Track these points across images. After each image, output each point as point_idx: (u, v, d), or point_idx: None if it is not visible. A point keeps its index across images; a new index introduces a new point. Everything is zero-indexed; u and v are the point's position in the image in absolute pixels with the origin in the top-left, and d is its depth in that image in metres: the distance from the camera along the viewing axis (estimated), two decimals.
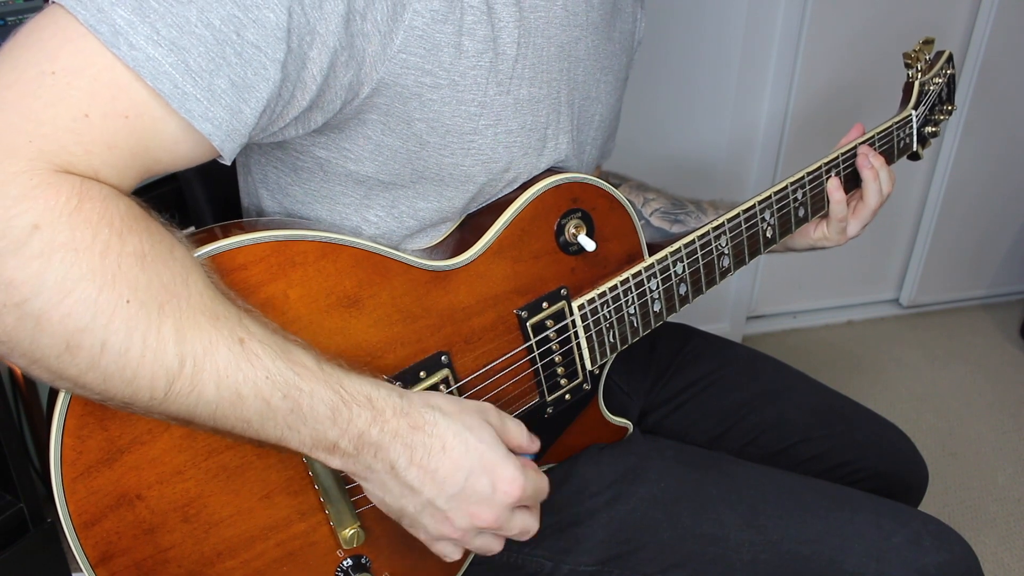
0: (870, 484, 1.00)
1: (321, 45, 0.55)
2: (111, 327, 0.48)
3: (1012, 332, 2.28)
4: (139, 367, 0.50)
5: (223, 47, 0.51)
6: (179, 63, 0.50)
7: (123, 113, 0.50)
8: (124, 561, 0.60)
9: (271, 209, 0.74)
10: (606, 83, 0.82)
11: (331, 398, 0.57)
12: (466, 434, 0.62)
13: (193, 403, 0.52)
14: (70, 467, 0.56)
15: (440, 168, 0.68)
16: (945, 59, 1.07)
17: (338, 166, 0.68)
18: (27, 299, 0.46)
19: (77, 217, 0.47)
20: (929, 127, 1.07)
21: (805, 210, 0.95)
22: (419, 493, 0.61)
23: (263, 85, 0.53)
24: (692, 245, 0.85)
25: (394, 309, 0.68)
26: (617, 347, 0.83)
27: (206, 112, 0.52)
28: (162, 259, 0.51)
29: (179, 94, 0.50)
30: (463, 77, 0.65)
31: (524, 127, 0.72)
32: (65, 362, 0.49)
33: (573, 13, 0.74)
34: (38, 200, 0.47)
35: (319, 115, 0.61)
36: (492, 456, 0.62)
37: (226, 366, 0.52)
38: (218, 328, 0.53)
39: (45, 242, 0.46)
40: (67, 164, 0.48)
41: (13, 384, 1.46)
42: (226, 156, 0.55)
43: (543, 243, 0.76)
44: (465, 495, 0.61)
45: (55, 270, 0.47)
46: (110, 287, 0.48)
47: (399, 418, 0.59)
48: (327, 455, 0.59)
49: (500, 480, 0.62)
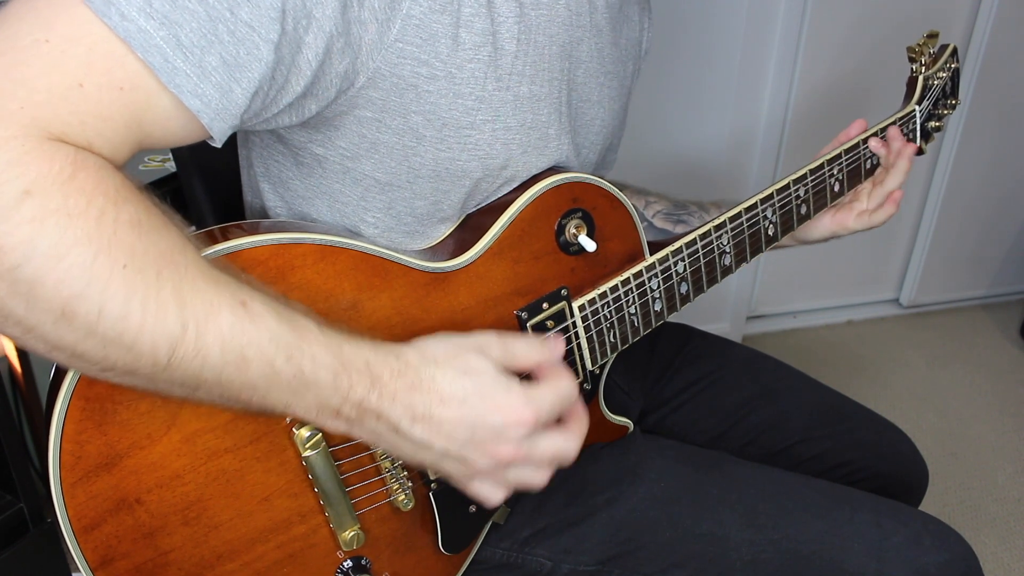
0: (870, 484, 1.00)
1: (317, 30, 0.55)
2: (108, 292, 0.47)
3: (1012, 332, 2.28)
4: (140, 333, 0.49)
5: (215, 24, 0.51)
6: (170, 37, 0.49)
7: (118, 85, 0.49)
8: (124, 565, 0.60)
9: (273, 204, 0.74)
10: (609, 88, 0.82)
11: (332, 363, 0.56)
12: (462, 379, 0.60)
13: (198, 368, 0.52)
14: (69, 472, 0.56)
15: (436, 163, 0.68)
16: (949, 53, 1.06)
17: (335, 163, 0.67)
18: (18, 264, 0.45)
19: (71, 185, 0.47)
20: (933, 122, 1.06)
21: (807, 207, 0.94)
22: (430, 447, 0.60)
23: (255, 65, 0.53)
24: (693, 244, 0.84)
25: (394, 311, 0.68)
26: (618, 347, 0.83)
27: (195, 88, 0.51)
28: (157, 228, 0.51)
29: (168, 68, 0.50)
30: (460, 70, 0.65)
31: (524, 125, 0.71)
32: (62, 330, 0.48)
33: (576, 13, 0.74)
34: (30, 166, 0.46)
35: (313, 103, 0.60)
36: (492, 392, 0.61)
37: (230, 328, 0.52)
38: (219, 291, 0.52)
39: (37, 207, 0.45)
40: (61, 133, 0.48)
41: (13, 384, 1.46)
42: (216, 136, 0.55)
43: (543, 243, 0.76)
44: (477, 437, 0.60)
45: (48, 235, 0.46)
46: (105, 252, 0.47)
47: (396, 380, 0.59)
48: (333, 420, 0.58)
49: (506, 413, 0.61)
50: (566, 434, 0.65)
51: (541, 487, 0.65)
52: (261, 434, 0.63)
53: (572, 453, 0.65)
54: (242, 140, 0.76)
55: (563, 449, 0.64)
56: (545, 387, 0.63)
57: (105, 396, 0.56)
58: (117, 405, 0.57)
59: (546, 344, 0.66)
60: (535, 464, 0.64)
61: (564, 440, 0.64)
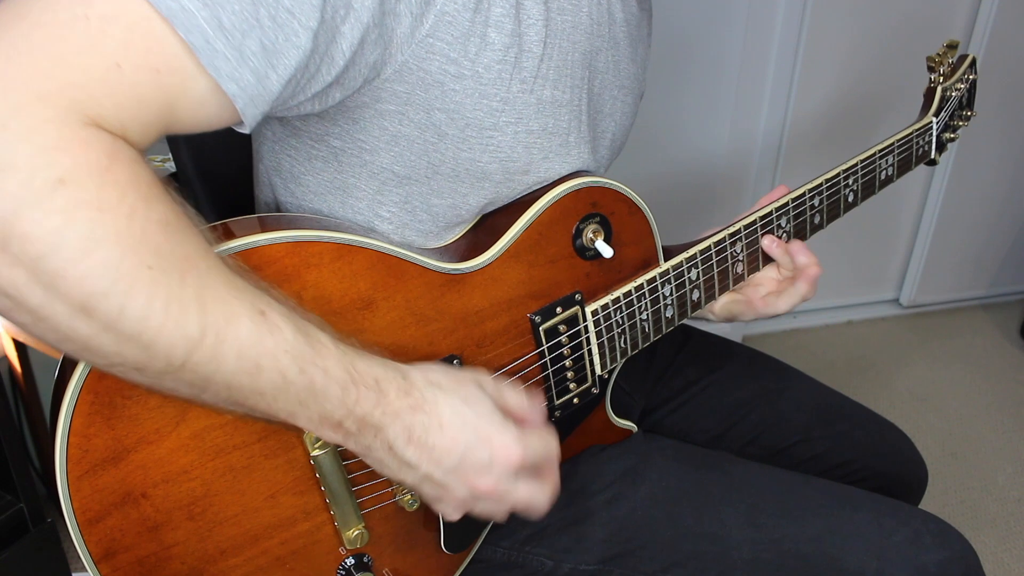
0: (870, 484, 1.00)
1: (354, 20, 0.55)
2: (132, 292, 0.46)
3: (1012, 332, 2.28)
4: (158, 334, 0.48)
5: (257, 8, 0.50)
6: (212, 18, 0.48)
7: (155, 67, 0.48)
8: (127, 558, 0.60)
9: (284, 200, 0.73)
10: (623, 102, 0.82)
11: (343, 377, 0.57)
12: (463, 408, 0.61)
13: (211, 372, 0.52)
14: (75, 465, 0.56)
15: (457, 163, 0.68)
16: (968, 64, 1.05)
17: (353, 156, 0.67)
18: (44, 255, 0.44)
19: (106, 177, 0.45)
20: (948, 133, 1.05)
21: (821, 216, 0.93)
22: (416, 468, 0.61)
23: (293, 52, 0.52)
24: (708, 251, 0.84)
25: (408, 312, 0.68)
26: (628, 352, 0.83)
27: (233, 72, 0.50)
28: (184, 231, 0.50)
29: (209, 50, 0.48)
30: (487, 70, 0.65)
31: (545, 129, 0.71)
32: (77, 323, 0.47)
33: (597, 23, 0.74)
34: (67, 153, 0.44)
35: (338, 92, 0.60)
36: (488, 426, 0.62)
37: (248, 336, 0.52)
38: (240, 299, 0.52)
39: (69, 198, 0.44)
40: (97, 117, 0.46)
41: (13, 384, 1.46)
42: (247, 122, 0.54)
43: (560, 247, 0.75)
44: (463, 467, 0.61)
45: (77, 228, 0.44)
46: (134, 252, 0.46)
47: (401, 399, 0.59)
48: (331, 431, 0.58)
49: (497, 448, 0.62)
50: (542, 487, 0.66)
51: (499, 521, 0.66)
52: (270, 432, 0.63)
53: (542, 507, 0.66)
54: (254, 133, 0.75)
55: (535, 500, 0.66)
56: (535, 435, 0.65)
57: (115, 391, 0.56)
58: (127, 400, 0.57)
59: (532, 405, 0.67)
60: (505, 503, 0.65)
61: (540, 492, 0.66)
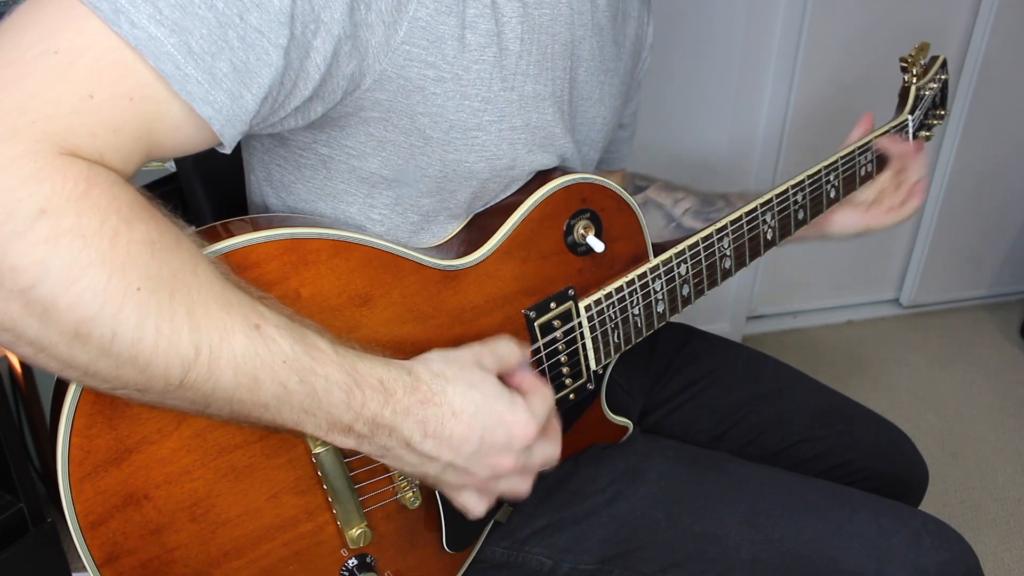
0: (870, 484, 1.00)
1: (325, 34, 0.55)
2: (121, 315, 0.47)
3: (1012, 332, 2.28)
4: (153, 355, 0.49)
5: (225, 30, 0.50)
6: (181, 44, 0.49)
7: (128, 95, 0.49)
8: (130, 561, 0.60)
9: (276, 207, 0.74)
10: (609, 86, 0.83)
11: (345, 381, 0.57)
12: (471, 392, 0.62)
13: (210, 389, 0.52)
14: (78, 467, 0.56)
15: (444, 164, 0.68)
16: (939, 64, 1.09)
17: (341, 163, 0.68)
18: (32, 285, 0.45)
19: (85, 203, 0.46)
20: (923, 131, 1.10)
21: (804, 213, 0.95)
22: (437, 460, 0.61)
23: (265, 71, 0.53)
24: (696, 246, 0.85)
25: (405, 308, 0.68)
26: (621, 347, 0.84)
27: (207, 95, 0.51)
28: (170, 248, 0.50)
29: (180, 75, 0.49)
30: (467, 71, 0.65)
31: (529, 124, 0.72)
32: (75, 350, 0.48)
33: (579, 12, 0.74)
34: (44, 183, 0.45)
35: (320, 106, 0.60)
36: (500, 406, 0.63)
37: (243, 351, 0.52)
38: (232, 314, 0.52)
39: (51, 227, 0.45)
40: (73, 147, 0.47)
41: (13, 384, 1.46)
42: (226, 143, 0.54)
43: (552, 243, 0.76)
44: (483, 450, 0.62)
45: (62, 255, 0.45)
46: (120, 274, 0.47)
47: (409, 395, 0.60)
48: (343, 437, 0.59)
49: (513, 426, 0.63)
50: (551, 440, 0.68)
51: (525, 496, 0.68)
52: (271, 430, 0.63)
53: (556, 457, 0.69)
54: (243, 144, 0.76)
55: (549, 455, 0.68)
56: (537, 399, 0.66)
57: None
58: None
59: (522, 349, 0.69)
60: (528, 475, 0.67)
61: (551, 447, 0.68)
